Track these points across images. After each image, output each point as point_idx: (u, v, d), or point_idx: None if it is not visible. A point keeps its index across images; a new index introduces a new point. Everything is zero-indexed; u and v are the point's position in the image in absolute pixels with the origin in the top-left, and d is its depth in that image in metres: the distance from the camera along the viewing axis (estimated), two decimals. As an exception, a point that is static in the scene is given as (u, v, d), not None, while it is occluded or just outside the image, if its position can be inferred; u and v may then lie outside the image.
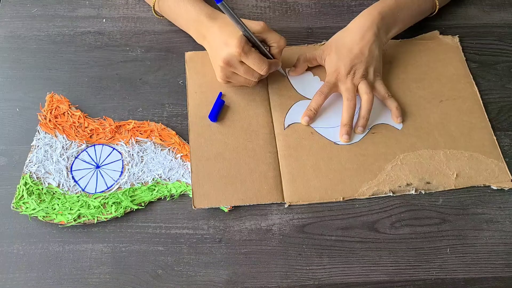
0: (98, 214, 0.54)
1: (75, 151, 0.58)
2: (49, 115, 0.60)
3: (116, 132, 0.59)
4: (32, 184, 0.55)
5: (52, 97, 0.61)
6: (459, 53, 0.67)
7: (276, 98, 0.63)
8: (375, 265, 0.54)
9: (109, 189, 0.56)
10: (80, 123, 0.59)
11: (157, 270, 0.53)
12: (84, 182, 0.56)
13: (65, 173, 0.56)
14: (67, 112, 0.60)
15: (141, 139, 0.59)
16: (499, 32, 0.70)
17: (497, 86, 0.66)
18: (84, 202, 0.55)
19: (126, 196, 0.55)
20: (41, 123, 0.59)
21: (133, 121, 0.60)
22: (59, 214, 0.54)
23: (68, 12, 0.69)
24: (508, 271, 0.54)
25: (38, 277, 0.52)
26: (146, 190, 0.56)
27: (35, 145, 0.58)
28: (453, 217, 0.57)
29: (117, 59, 0.66)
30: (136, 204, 0.55)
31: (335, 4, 0.72)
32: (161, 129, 0.60)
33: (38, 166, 0.56)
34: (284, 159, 0.59)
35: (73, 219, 0.54)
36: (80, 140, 0.58)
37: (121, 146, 0.58)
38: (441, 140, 0.61)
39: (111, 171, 0.57)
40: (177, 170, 0.57)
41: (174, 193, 0.56)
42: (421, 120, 0.62)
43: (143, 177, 0.57)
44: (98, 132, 0.59)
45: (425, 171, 0.59)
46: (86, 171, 0.57)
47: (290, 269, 0.54)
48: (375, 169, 0.59)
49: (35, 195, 0.54)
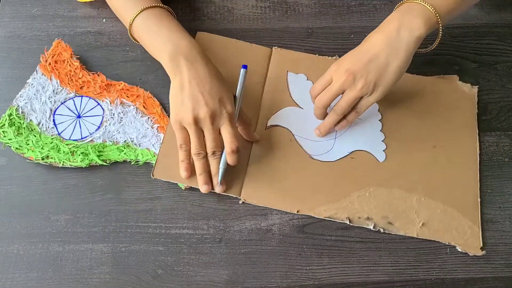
0: (65, 160, 0.57)
1: (64, 97, 0.61)
2: (50, 59, 0.63)
3: (105, 90, 0.62)
4: (16, 116, 0.58)
5: (58, 44, 0.64)
6: (472, 104, 0.63)
7: (269, 97, 0.63)
8: (375, 265, 0.54)
9: (82, 139, 0.58)
10: (76, 72, 0.62)
11: (157, 270, 0.53)
12: (62, 127, 0.59)
13: (48, 114, 0.59)
14: (67, 60, 0.63)
15: (126, 101, 0.61)
16: (499, 32, 0.70)
17: (497, 86, 0.66)
18: (55, 145, 0.57)
19: (95, 150, 0.57)
20: (41, 64, 0.62)
21: (123, 83, 0.62)
22: (30, 149, 0.57)
23: (68, 12, 0.69)
24: (508, 271, 0.54)
25: (38, 277, 0.52)
26: (115, 149, 0.58)
27: (30, 82, 0.61)
28: (453, 217, 0.57)
29: (117, 59, 0.66)
30: (102, 160, 0.57)
31: (335, 4, 0.71)
32: (148, 97, 0.62)
33: (26, 102, 0.60)
34: (255, 157, 0.58)
35: (41, 157, 0.57)
36: (71, 88, 0.61)
37: (106, 103, 0.61)
38: (420, 185, 0.57)
39: (90, 124, 0.59)
40: (150, 138, 0.59)
41: (140, 159, 0.58)
42: (406, 159, 0.59)
43: (116, 137, 0.59)
44: (89, 85, 0.62)
45: (392, 210, 0.56)
46: (67, 117, 0.60)
47: (290, 269, 0.54)
48: (340, 193, 0.57)
49: (15, 127, 0.58)
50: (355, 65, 0.53)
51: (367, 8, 0.71)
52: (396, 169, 0.58)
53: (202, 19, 0.58)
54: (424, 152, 0.60)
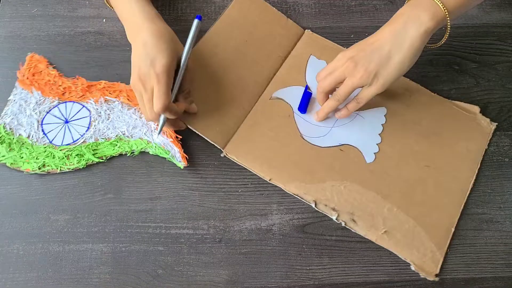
0: (62, 165, 0.57)
1: (48, 106, 0.61)
2: (27, 73, 0.63)
3: (87, 91, 0.62)
4: (5, 134, 0.59)
5: (32, 57, 0.64)
6: (485, 140, 0.61)
7: (285, 72, 0.64)
8: (375, 265, 0.54)
9: (75, 142, 0.59)
10: (55, 81, 0.62)
11: (157, 270, 0.53)
12: (53, 135, 0.59)
13: (35, 126, 0.60)
14: (44, 71, 0.63)
15: (110, 98, 0.62)
16: (499, 32, 0.70)
17: (497, 86, 0.66)
18: (49, 153, 0.58)
19: (89, 149, 0.58)
20: (19, 79, 0.62)
21: (104, 82, 0.63)
22: (25, 162, 0.57)
23: (68, 12, 0.69)
24: (508, 271, 0.54)
25: (38, 277, 0.52)
26: (109, 145, 0.59)
27: (12, 99, 0.61)
28: (453, 217, 0.57)
29: (117, 59, 0.66)
30: (98, 158, 0.58)
31: (335, 4, 0.71)
32: (130, 90, 0.62)
33: (12, 118, 0.60)
34: (251, 119, 0.60)
35: (38, 167, 0.57)
36: (53, 96, 0.62)
37: (90, 104, 0.61)
38: (397, 196, 0.56)
39: (79, 127, 0.60)
40: (140, 128, 0.60)
41: (134, 149, 0.59)
42: (394, 168, 0.58)
43: (107, 133, 0.60)
44: (71, 90, 0.62)
45: (360, 209, 0.56)
46: (55, 125, 0.60)
47: (290, 269, 0.54)
48: (316, 177, 0.57)
49: (6, 144, 0.58)
50: (358, 54, 0.53)
51: (367, 8, 0.71)
52: (379, 174, 0.58)
53: (202, 19, 0.58)
54: (414, 167, 0.58)
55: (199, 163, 0.59)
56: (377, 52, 0.52)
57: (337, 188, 0.57)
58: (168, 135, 0.58)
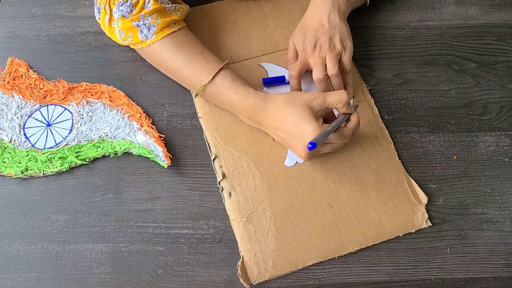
0: (45, 168, 0.57)
1: (29, 110, 0.61)
2: (8, 77, 0.63)
3: (69, 94, 0.62)
4: None
5: (12, 61, 0.64)
6: (409, 228, 0.56)
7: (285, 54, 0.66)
8: (375, 265, 0.54)
9: (57, 145, 0.59)
10: (36, 84, 0.62)
11: (157, 270, 0.53)
12: (35, 138, 0.59)
13: (17, 130, 0.59)
14: (25, 75, 0.63)
15: (92, 100, 0.62)
16: (499, 32, 0.70)
17: (497, 86, 0.66)
18: (32, 157, 0.58)
19: (72, 151, 0.58)
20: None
21: (85, 83, 0.63)
22: (8, 167, 0.57)
23: (68, 12, 0.69)
24: (508, 271, 0.54)
25: (38, 277, 0.52)
26: (92, 146, 0.59)
27: None
28: (453, 217, 0.57)
29: (117, 59, 0.66)
30: (81, 160, 0.58)
31: (335, 4, 0.71)
32: (112, 91, 0.62)
33: None
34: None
35: (21, 171, 0.57)
36: (35, 100, 0.61)
37: (72, 106, 0.61)
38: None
39: (61, 129, 0.60)
40: (123, 129, 0.60)
41: (118, 150, 0.58)
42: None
43: (90, 135, 0.60)
44: (52, 93, 0.62)
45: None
46: (37, 128, 0.60)
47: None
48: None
49: None
50: (314, 35, 0.61)
51: (367, 8, 0.71)
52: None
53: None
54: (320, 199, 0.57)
55: (199, 163, 0.59)
56: (322, 28, 0.61)
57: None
58: (151, 135, 0.58)
